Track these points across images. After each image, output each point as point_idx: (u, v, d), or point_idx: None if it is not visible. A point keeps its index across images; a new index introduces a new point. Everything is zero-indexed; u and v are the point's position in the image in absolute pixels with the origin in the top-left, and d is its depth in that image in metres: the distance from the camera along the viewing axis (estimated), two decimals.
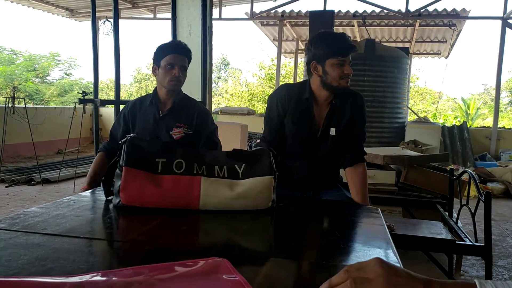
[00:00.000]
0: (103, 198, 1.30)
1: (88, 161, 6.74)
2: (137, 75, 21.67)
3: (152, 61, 2.07)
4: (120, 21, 3.35)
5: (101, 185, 1.34)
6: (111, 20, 8.81)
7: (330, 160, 1.88)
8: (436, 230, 2.25)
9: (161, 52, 2.01)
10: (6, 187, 4.94)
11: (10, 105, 4.53)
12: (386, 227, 1.17)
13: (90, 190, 1.49)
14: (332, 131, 1.79)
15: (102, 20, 9.38)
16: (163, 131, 2.04)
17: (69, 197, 1.30)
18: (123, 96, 20.41)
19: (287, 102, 1.80)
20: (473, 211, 2.22)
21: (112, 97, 19.11)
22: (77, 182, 5.11)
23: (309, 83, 1.81)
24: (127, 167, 1.16)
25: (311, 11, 5.36)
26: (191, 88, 2.90)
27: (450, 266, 2.51)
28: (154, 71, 2.06)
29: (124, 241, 0.98)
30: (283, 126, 1.81)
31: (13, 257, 0.79)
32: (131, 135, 1.23)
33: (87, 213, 1.19)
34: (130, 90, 21.34)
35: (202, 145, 2.05)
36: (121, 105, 3.04)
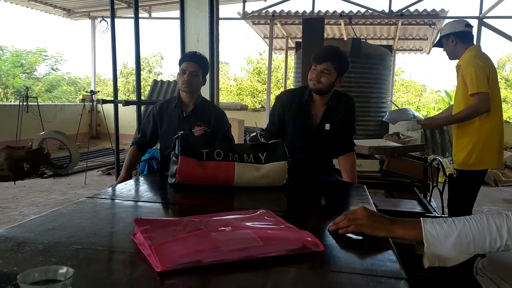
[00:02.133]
0: (156, 181, 1.73)
1: (95, 155, 7.11)
2: (124, 70, 20.89)
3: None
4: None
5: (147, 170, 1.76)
6: (107, 20, 9.08)
7: (325, 150, 2.33)
8: (411, 207, 2.73)
9: (180, 60, 2.48)
10: (22, 180, 5.28)
11: (24, 104, 4.88)
12: (369, 196, 1.63)
13: (147, 175, 1.92)
14: (327, 126, 2.24)
15: (98, 19, 9.67)
16: (186, 129, 2.46)
17: (137, 178, 1.73)
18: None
19: (288, 105, 2.25)
20: (441, 191, 2.73)
21: (105, 95, 18.92)
22: (88, 174, 5.49)
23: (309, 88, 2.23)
24: (182, 156, 1.59)
25: (304, 18, 5.81)
26: (202, 88, 3.30)
27: None
28: (177, 77, 2.50)
29: (190, 204, 1.42)
30: (283, 122, 2.27)
31: (128, 213, 1.22)
32: (181, 132, 1.66)
33: (154, 189, 1.63)
34: (117, 85, 21.06)
35: (219, 141, 2.48)
36: (142, 105, 3.41)
